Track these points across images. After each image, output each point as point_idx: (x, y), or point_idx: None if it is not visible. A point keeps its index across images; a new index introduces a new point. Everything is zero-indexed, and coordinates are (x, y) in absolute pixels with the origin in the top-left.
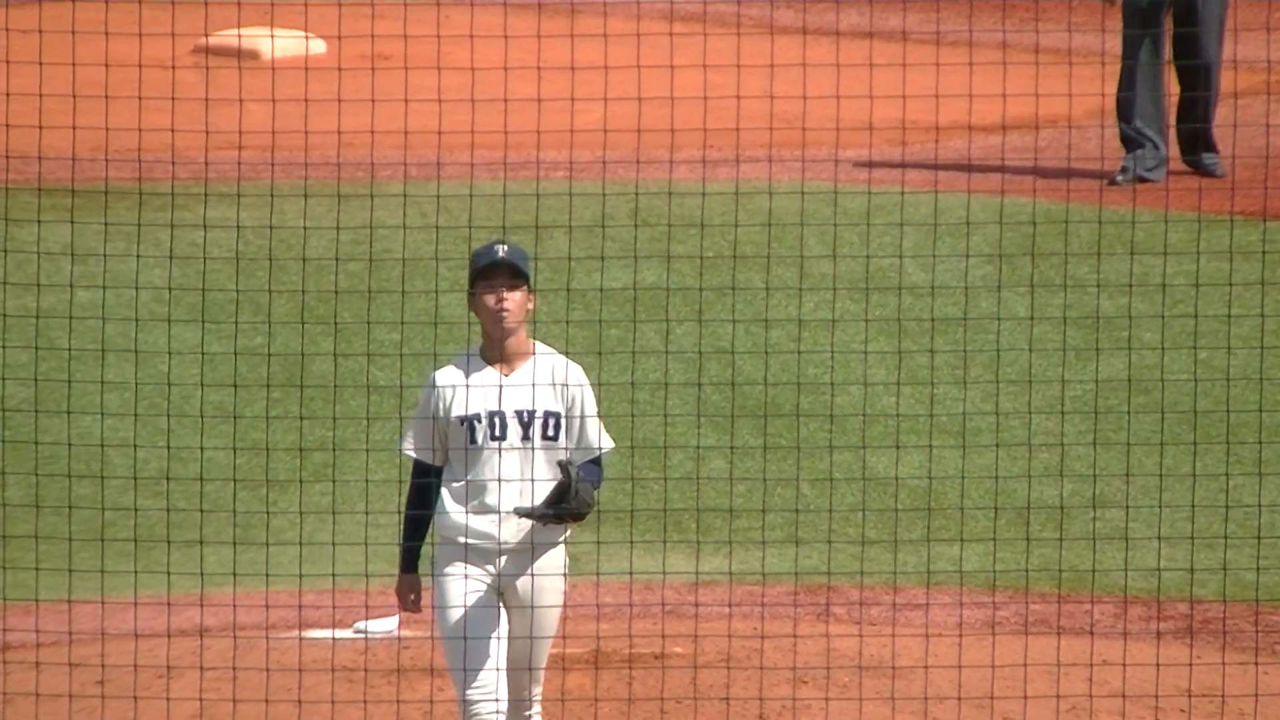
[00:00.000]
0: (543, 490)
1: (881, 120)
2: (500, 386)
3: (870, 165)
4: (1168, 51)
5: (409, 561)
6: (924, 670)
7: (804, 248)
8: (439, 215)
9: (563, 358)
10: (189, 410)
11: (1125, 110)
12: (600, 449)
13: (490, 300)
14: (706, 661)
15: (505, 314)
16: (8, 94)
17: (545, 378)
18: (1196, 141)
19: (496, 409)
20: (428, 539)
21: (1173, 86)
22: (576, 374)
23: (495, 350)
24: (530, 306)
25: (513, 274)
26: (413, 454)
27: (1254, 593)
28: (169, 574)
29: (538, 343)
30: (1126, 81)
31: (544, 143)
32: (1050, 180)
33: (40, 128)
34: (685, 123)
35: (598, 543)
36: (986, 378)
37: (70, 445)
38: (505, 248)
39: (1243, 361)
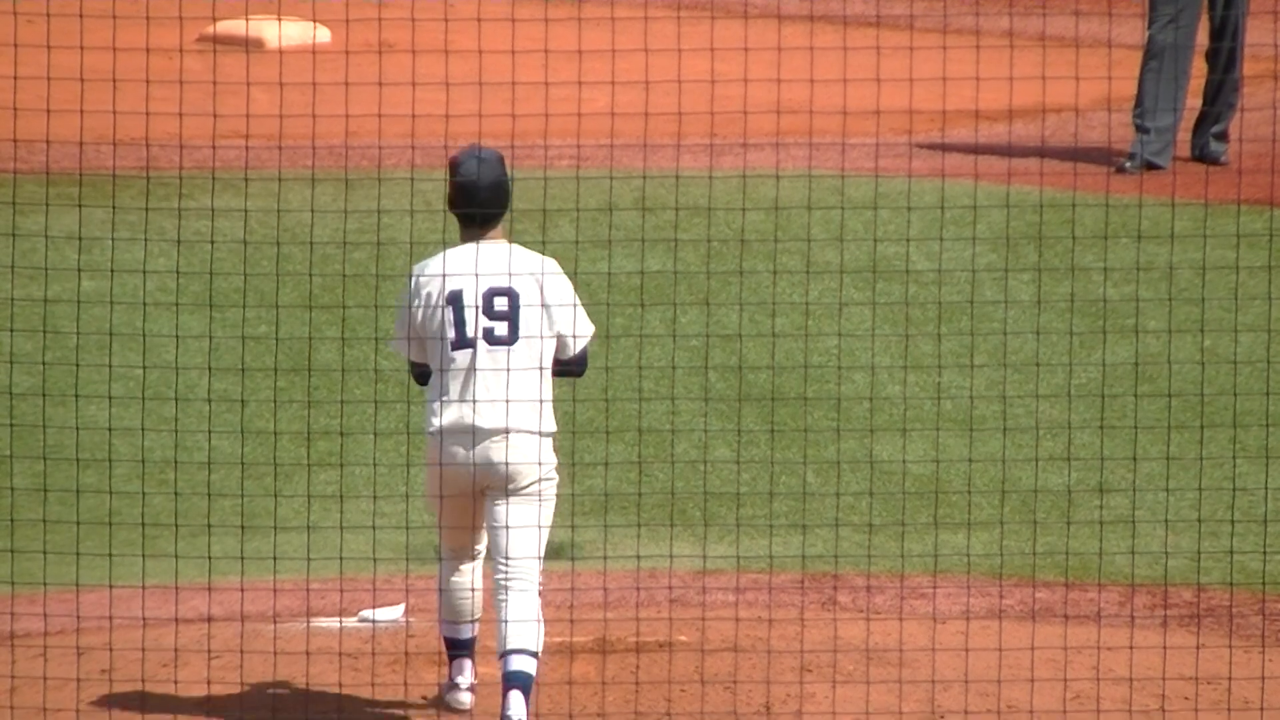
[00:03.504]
0: None
1: (888, 107)
2: None
3: (877, 152)
4: (1200, 35)
5: None
6: (930, 656)
7: (810, 234)
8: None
9: None
10: (195, 397)
11: (1142, 94)
12: None
13: None
14: (713, 648)
15: None
16: (15, 79)
17: None
18: (1213, 127)
19: None
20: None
21: (1195, 70)
22: None
23: None
24: None
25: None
26: None
27: (1260, 579)
28: (176, 560)
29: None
30: (1149, 64)
31: (550, 129)
32: (1056, 167)
33: (48, 113)
34: (692, 108)
35: (604, 528)
36: (992, 364)
37: (77, 431)
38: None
39: (1248, 347)
